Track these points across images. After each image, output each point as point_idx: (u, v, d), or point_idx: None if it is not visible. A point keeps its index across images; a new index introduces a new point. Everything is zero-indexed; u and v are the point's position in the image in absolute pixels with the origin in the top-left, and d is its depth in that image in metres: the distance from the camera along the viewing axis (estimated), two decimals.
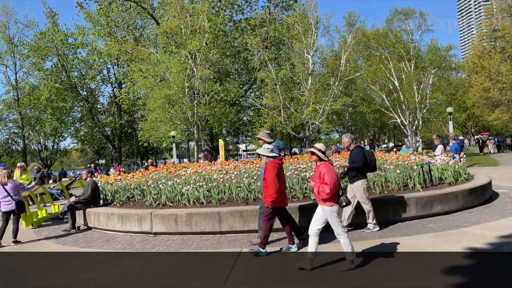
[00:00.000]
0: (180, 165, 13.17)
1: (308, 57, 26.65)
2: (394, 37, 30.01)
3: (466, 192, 8.65)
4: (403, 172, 9.16)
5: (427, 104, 30.45)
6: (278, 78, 26.20)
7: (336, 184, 5.16)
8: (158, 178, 9.96)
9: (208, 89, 24.24)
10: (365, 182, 7.17)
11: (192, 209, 7.92)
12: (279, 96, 26.11)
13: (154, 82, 22.70)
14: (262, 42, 26.63)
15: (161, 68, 23.67)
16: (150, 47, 26.52)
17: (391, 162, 9.91)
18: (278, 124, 26.03)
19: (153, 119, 23.50)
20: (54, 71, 37.20)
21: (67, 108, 37.05)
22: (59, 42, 36.70)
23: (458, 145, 13.09)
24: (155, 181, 9.51)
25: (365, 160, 7.14)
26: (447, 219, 7.83)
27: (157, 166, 15.25)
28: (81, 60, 38.25)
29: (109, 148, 41.29)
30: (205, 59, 24.80)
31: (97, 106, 40.56)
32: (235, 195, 8.32)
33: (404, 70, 30.44)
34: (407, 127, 31.53)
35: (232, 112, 28.25)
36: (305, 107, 26.10)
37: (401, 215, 7.79)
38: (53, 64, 37.66)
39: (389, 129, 61.26)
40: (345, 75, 27.63)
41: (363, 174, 7.19)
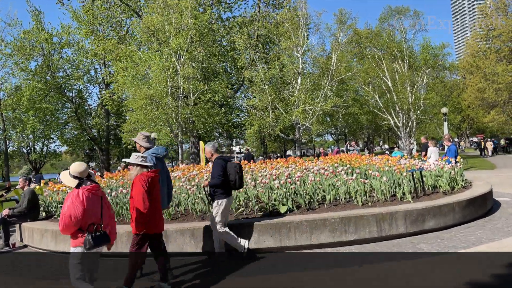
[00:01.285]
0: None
1: (298, 55, 25.36)
2: (388, 35, 28.77)
3: (464, 203, 7.33)
4: (391, 180, 7.84)
5: (421, 105, 29.20)
6: (266, 77, 24.88)
7: (80, 217, 3.84)
8: (116, 186, 8.61)
9: (193, 89, 22.89)
10: (225, 202, 5.77)
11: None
12: (268, 96, 24.78)
13: (134, 81, 21.34)
14: (249, 40, 25.30)
15: (143, 67, 22.29)
16: (132, 44, 25.12)
17: (378, 168, 8.58)
18: (266, 125, 24.69)
19: (134, 120, 22.10)
20: (38, 71, 35.72)
21: (51, 110, 35.57)
22: (43, 42, 35.27)
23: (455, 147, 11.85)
24: (106, 189, 8.15)
25: (224, 174, 5.77)
26: (442, 236, 6.51)
27: None
28: (66, 60, 36.78)
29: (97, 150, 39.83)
30: (190, 57, 23.46)
31: (84, 108, 39.05)
32: (191, 208, 6.98)
33: (397, 70, 29.21)
34: (400, 129, 30.27)
35: (219, 114, 26.92)
36: (295, 108, 24.77)
37: (387, 232, 6.45)
38: (37, 65, 36.18)
39: (384, 131, 60.19)
40: (336, 74, 26.35)
41: (225, 192, 5.82)
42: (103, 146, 38.92)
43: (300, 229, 6.20)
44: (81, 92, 39.56)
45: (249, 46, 25.07)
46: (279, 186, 7.11)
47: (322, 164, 9.01)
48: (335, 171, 8.12)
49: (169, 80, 22.51)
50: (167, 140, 28.04)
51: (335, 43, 26.15)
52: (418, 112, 29.34)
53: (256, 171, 8.83)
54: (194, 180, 8.02)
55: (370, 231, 6.38)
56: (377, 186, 7.39)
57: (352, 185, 7.37)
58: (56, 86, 36.21)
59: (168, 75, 22.28)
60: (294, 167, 8.91)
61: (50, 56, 36.53)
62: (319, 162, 9.59)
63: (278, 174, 7.95)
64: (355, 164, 9.05)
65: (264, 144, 52.96)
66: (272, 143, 57.59)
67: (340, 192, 7.33)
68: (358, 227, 6.33)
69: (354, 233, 6.31)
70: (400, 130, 30.15)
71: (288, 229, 6.19)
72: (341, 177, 7.64)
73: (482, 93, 31.80)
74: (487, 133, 66.29)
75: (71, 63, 37.55)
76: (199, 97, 25.95)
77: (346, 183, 7.51)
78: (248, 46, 24.98)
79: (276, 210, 6.87)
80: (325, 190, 7.46)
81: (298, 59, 25.40)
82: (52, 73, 36.61)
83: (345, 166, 8.83)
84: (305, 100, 24.47)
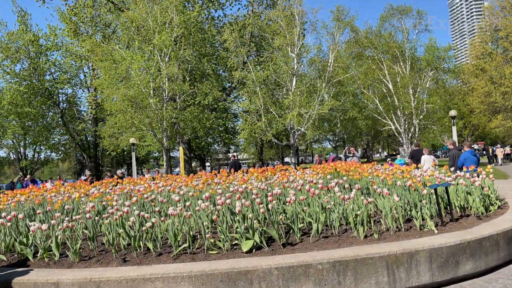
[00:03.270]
0: (111, 180, 9.49)
1: (293, 55, 23.14)
2: (388, 35, 26.56)
3: (511, 233, 5.02)
4: (405, 199, 5.53)
5: (424, 110, 26.90)
6: (259, 79, 22.62)
7: None
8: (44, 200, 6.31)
9: (177, 90, 20.67)
10: None
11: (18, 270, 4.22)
12: (260, 99, 22.52)
13: (113, 81, 19.13)
14: (240, 38, 23.08)
15: (124, 66, 20.05)
16: (115, 44, 22.89)
17: (384, 181, 6.27)
18: (258, 130, 22.40)
19: (112, 124, 19.83)
20: (23, 74, 33.57)
21: (35, 114, 33.34)
22: (29, 44, 33.20)
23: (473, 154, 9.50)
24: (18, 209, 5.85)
25: None
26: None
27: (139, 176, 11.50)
28: (52, 62, 34.63)
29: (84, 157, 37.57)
30: (175, 56, 21.27)
31: (71, 112, 36.81)
32: (112, 243, 4.66)
33: (398, 73, 26.96)
34: (402, 134, 27.95)
35: (209, 118, 24.67)
36: (289, 112, 22.49)
37: (404, 284, 4.13)
38: (22, 68, 34.06)
39: (383, 138, 57.91)
40: (333, 76, 24.12)
41: None
42: (91, 153, 36.63)
43: (269, 282, 3.89)
44: (69, 96, 37.40)
45: (239, 45, 22.84)
46: (242, 210, 4.80)
47: (311, 176, 6.70)
48: (327, 186, 5.83)
49: (152, 80, 20.30)
50: (157, 147, 25.76)
51: (332, 42, 23.95)
52: (421, 117, 27.03)
53: (224, 184, 6.52)
54: (137, 197, 5.69)
55: (378, 282, 4.06)
56: (386, 209, 5.08)
57: (350, 207, 5.06)
58: (41, 90, 34.09)
59: (150, 74, 20.08)
60: (274, 179, 6.61)
61: (37, 58, 34.49)
62: (308, 172, 7.31)
63: (247, 189, 5.65)
64: (354, 175, 6.73)
65: (261, 151, 50.68)
66: (268, 150, 55.33)
67: (332, 217, 5.02)
68: (360, 277, 4.01)
69: (353, 287, 3.99)
70: (402, 136, 27.83)
71: (250, 282, 3.88)
72: (335, 195, 5.34)
73: (488, 97, 29.54)
74: (487, 140, 63.99)
75: (58, 66, 35.41)
76: (187, 100, 23.77)
77: (342, 204, 5.21)
78: (239, 45, 22.75)
79: (236, 247, 4.56)
80: (311, 215, 5.16)
81: (293, 60, 23.19)
82: (39, 76, 34.53)
83: (341, 179, 6.53)
84: (300, 103, 22.21)
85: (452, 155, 10.19)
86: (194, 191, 6.05)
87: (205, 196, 5.02)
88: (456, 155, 9.95)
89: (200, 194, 5.92)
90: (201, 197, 5.45)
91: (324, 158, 27.30)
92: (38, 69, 34.16)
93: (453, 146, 10.56)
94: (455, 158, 9.86)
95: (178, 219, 4.74)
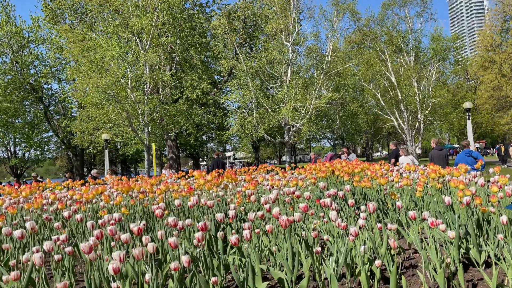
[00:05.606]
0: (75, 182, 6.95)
1: (287, 44, 20.65)
2: (392, 24, 24.03)
3: None
4: (456, 227, 3.02)
5: (430, 104, 24.38)
6: (250, 69, 20.13)
7: None
8: None
9: (158, 80, 18.20)
10: None
11: None
12: (251, 92, 20.03)
13: (83, 69, 16.67)
14: (229, 23, 20.55)
15: (99, 53, 17.55)
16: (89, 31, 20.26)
17: (409, 194, 3.78)
18: (249, 125, 19.92)
19: (84, 118, 17.37)
20: (4, 68, 31.19)
21: (16, 109, 30.95)
22: (12, 36, 30.84)
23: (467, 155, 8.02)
24: None
25: None
26: None
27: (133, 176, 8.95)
28: (35, 55, 32.19)
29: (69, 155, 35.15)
30: (157, 44, 18.80)
31: (57, 108, 34.38)
32: None
33: (402, 65, 24.43)
34: (405, 131, 25.41)
35: (198, 113, 22.26)
36: (283, 105, 20.01)
37: None
38: (3, 61, 31.66)
39: (383, 136, 55.45)
40: (332, 67, 21.65)
41: None
42: (78, 151, 34.17)
43: None
44: (54, 91, 34.99)
45: (228, 31, 20.34)
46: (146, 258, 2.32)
47: (293, 182, 4.21)
48: (319, 200, 3.35)
49: (130, 70, 17.81)
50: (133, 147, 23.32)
51: (330, 30, 21.46)
52: (426, 112, 24.50)
53: (151, 194, 4.03)
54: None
55: None
56: (432, 255, 2.58)
57: (359, 249, 2.57)
58: (24, 84, 31.69)
59: (127, 63, 17.59)
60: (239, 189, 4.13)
61: (20, 51, 32.11)
62: (290, 176, 4.86)
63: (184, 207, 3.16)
64: (364, 182, 4.23)
65: (257, 149, 48.22)
66: (265, 148, 52.91)
67: (327, 270, 2.53)
68: None
69: None
70: (406, 132, 25.30)
71: None
72: (332, 224, 2.87)
73: (498, 91, 27.03)
74: (488, 139, 61.80)
75: (41, 60, 33.01)
76: (173, 94, 21.34)
77: (342, 241, 2.73)
78: (228, 32, 20.25)
79: None
80: (282, 266, 2.66)
81: (288, 49, 20.70)
82: (22, 70, 32.12)
83: (341, 189, 4.04)
84: (296, 96, 19.72)
85: (431, 156, 9.27)
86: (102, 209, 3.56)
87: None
88: (434, 155, 9.02)
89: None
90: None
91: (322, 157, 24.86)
92: (21, 62, 31.81)
93: (435, 145, 9.48)
94: (434, 159, 8.89)
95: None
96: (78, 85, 16.69)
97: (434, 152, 9.17)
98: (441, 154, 9.09)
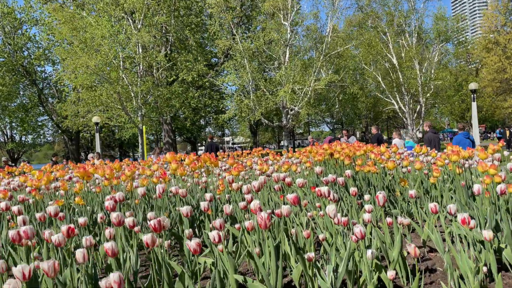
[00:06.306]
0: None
1: (286, 24, 19.79)
2: (394, 3, 23.05)
3: None
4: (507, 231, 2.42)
5: (431, 87, 23.59)
6: (247, 51, 19.31)
7: None
8: None
9: (151, 61, 17.43)
10: None
11: None
12: (247, 74, 19.26)
13: (72, 49, 15.88)
14: (225, 2, 19.60)
15: (88, 33, 16.71)
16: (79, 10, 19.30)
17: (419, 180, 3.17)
18: (245, 108, 19.22)
19: (74, 100, 16.65)
20: None
21: (9, 92, 30.20)
22: (3, 17, 29.88)
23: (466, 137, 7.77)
24: None
25: None
26: None
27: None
28: (27, 37, 31.22)
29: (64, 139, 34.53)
30: (150, 23, 17.96)
31: (52, 91, 33.59)
32: None
33: (404, 46, 23.56)
34: (406, 114, 24.70)
35: (193, 96, 21.54)
36: (281, 88, 19.27)
37: None
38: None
39: (382, 120, 54.71)
40: (332, 48, 20.83)
41: None
42: (72, 135, 33.49)
43: None
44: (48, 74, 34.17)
45: (225, 9, 19.44)
46: None
47: (285, 167, 3.59)
48: (314, 187, 2.73)
49: (121, 50, 17.02)
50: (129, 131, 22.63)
51: (331, 8, 20.55)
52: (428, 95, 23.75)
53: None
54: None
55: None
56: (464, 264, 1.95)
57: (363, 251, 1.95)
58: (16, 67, 30.84)
59: (118, 43, 16.78)
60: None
61: (12, 33, 31.14)
62: (283, 160, 4.24)
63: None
64: (368, 166, 3.60)
65: (256, 134, 47.50)
66: (263, 133, 52.17)
67: (323, 286, 1.91)
68: None
69: None
70: (406, 116, 24.59)
71: None
72: (328, 217, 2.24)
73: (501, 73, 26.19)
74: (487, 123, 61.19)
75: (33, 41, 32.06)
76: (167, 76, 20.56)
77: (341, 239, 2.11)
78: (224, 10, 19.36)
79: None
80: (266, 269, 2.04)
81: (286, 29, 19.84)
82: (14, 53, 31.22)
83: (341, 174, 3.43)
84: (294, 78, 18.96)
85: (428, 139, 8.90)
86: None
87: None
88: (432, 139, 8.76)
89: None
90: None
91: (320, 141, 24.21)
92: (13, 44, 30.90)
93: (428, 128, 9.30)
94: (431, 142, 8.68)
95: None
96: (67, 65, 15.89)
97: (430, 135, 8.86)
98: (436, 137, 8.91)
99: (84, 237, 1.92)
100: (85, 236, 1.93)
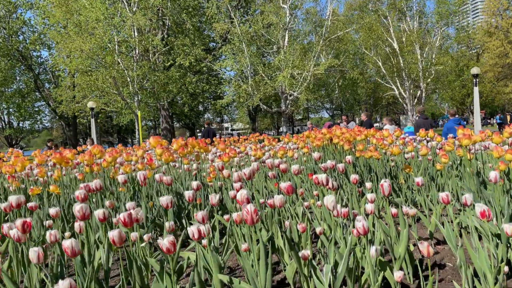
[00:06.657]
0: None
1: (285, 7, 19.30)
2: None
3: None
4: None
5: (432, 72, 23.20)
6: (245, 34, 18.87)
7: None
8: None
9: (147, 44, 17.01)
10: None
11: None
12: (245, 59, 18.87)
13: (63, 32, 15.46)
14: None
15: (82, 16, 16.25)
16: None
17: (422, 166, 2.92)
18: (243, 94, 18.88)
19: (68, 85, 16.28)
20: None
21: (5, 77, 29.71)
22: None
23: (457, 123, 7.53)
24: None
25: None
26: None
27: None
28: (22, 21, 30.55)
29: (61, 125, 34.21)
30: (145, 6, 17.47)
31: (47, 77, 33.08)
32: None
33: (405, 31, 23.08)
34: (406, 100, 24.37)
35: (191, 81, 21.13)
36: (280, 73, 18.89)
37: None
38: None
39: (382, 107, 54.26)
40: (332, 32, 20.37)
41: None
42: (70, 120, 33.12)
43: None
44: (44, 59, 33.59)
45: None
46: None
47: (280, 153, 3.33)
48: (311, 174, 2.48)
49: (116, 34, 16.58)
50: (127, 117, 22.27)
51: None
52: (429, 80, 23.38)
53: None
54: None
55: None
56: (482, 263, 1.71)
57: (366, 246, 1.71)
58: (11, 52, 30.26)
59: (113, 26, 16.34)
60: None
61: (7, 17, 30.48)
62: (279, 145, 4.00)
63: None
64: (370, 151, 3.35)
65: (255, 119, 47.11)
66: (262, 119, 51.76)
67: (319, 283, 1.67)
68: None
69: None
70: (406, 102, 24.27)
71: None
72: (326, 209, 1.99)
73: (503, 58, 25.78)
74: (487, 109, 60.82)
75: (28, 25, 31.42)
76: (164, 60, 20.14)
77: (340, 231, 1.86)
78: None
79: None
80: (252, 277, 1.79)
81: (285, 12, 19.36)
82: (10, 37, 30.62)
83: (341, 160, 3.18)
84: (293, 63, 18.57)
85: (417, 125, 8.56)
86: None
87: None
88: (420, 124, 8.33)
89: None
90: None
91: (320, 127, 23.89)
92: (8, 28, 30.26)
93: (420, 114, 9.21)
94: (420, 128, 8.14)
95: None
96: (61, 49, 15.49)
97: (419, 121, 8.66)
98: (427, 122, 8.66)
99: (48, 232, 1.68)
100: (49, 231, 1.69)
